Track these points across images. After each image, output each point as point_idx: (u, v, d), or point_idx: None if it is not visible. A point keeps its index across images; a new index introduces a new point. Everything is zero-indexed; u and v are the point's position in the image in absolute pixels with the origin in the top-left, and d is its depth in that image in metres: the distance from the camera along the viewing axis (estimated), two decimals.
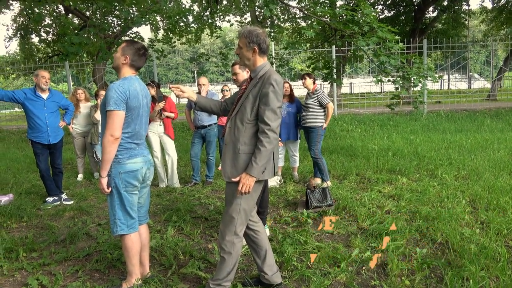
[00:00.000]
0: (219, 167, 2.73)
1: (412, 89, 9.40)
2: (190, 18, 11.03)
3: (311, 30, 6.65)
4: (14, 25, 17.35)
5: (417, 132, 9.16)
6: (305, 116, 5.33)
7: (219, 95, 6.31)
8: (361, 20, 5.75)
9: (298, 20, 18.14)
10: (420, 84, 6.07)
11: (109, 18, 13.07)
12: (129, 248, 2.59)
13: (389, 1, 19.01)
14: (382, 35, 5.59)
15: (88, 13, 14.27)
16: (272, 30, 10.41)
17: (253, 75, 2.42)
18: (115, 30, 13.15)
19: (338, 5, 7.49)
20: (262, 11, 10.79)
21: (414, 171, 5.67)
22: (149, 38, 10.55)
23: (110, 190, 2.50)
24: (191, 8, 11.86)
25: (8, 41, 17.78)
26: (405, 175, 5.46)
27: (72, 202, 5.01)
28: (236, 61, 3.21)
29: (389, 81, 6.27)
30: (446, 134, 8.73)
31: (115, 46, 9.60)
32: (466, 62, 22.36)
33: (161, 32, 14.24)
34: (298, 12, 16.90)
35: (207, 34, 13.57)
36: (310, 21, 8.78)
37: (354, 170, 5.82)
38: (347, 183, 5.26)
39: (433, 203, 4.23)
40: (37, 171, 5.66)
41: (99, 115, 5.90)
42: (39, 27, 16.73)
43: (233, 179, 2.35)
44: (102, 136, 2.43)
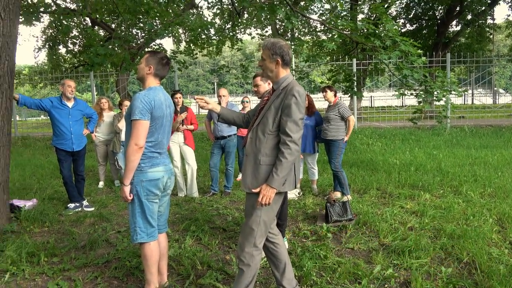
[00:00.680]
0: (238, 178, 2.72)
1: (435, 103, 9.22)
2: (212, 31, 11.24)
3: (333, 43, 6.64)
4: (43, 36, 18.10)
5: (440, 147, 8.94)
6: (326, 129, 5.29)
7: (239, 107, 6.35)
8: (383, 34, 5.71)
9: (318, 33, 18.20)
10: (444, 98, 5.95)
11: (133, 30, 13.44)
12: (148, 256, 2.59)
13: (411, 15, 18.84)
14: (405, 48, 5.52)
15: (113, 26, 14.76)
16: (292, 43, 10.45)
17: (275, 86, 2.43)
18: (139, 42, 13.53)
19: (359, 19, 7.47)
20: (283, 24, 10.86)
21: (437, 187, 5.51)
22: (171, 50, 10.76)
23: (132, 197, 2.52)
24: (213, 21, 12.10)
25: (37, 52, 18.52)
26: (428, 191, 5.31)
27: (93, 208, 5.10)
28: (258, 73, 3.22)
29: (411, 94, 6.16)
30: (470, 149, 8.48)
31: (138, 57, 9.86)
32: (491, 77, 21.82)
33: (183, 44, 14.54)
34: (318, 25, 16.96)
35: (228, 46, 13.76)
36: (331, 34, 8.78)
37: (375, 185, 5.71)
38: (368, 198, 5.16)
39: (458, 220, 4.09)
40: (60, 177, 5.80)
41: (122, 124, 6.02)
42: (67, 39, 17.38)
43: (253, 190, 2.34)
44: (127, 145, 2.47)
